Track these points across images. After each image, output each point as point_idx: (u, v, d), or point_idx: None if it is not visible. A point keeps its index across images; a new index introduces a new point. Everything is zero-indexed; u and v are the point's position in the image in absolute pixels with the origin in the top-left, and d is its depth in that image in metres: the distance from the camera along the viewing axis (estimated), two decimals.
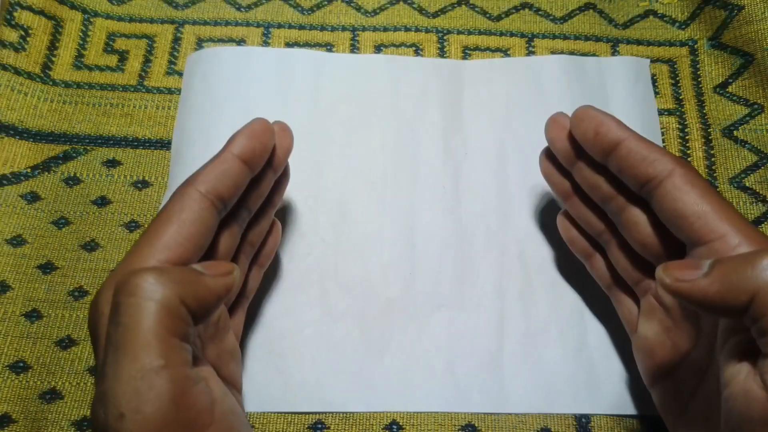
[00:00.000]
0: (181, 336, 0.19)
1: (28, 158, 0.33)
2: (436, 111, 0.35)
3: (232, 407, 0.21)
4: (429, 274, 0.31)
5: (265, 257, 0.29)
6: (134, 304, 0.19)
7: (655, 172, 0.24)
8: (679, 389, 0.25)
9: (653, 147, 0.24)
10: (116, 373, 0.18)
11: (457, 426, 0.29)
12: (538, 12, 0.39)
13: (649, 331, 0.26)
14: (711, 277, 0.19)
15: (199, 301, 0.20)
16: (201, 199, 0.23)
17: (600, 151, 0.25)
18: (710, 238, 0.22)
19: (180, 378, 0.19)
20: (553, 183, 0.29)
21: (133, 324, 0.18)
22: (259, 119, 0.25)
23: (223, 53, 0.36)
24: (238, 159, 0.24)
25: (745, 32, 0.35)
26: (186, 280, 0.20)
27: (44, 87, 0.35)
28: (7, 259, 0.31)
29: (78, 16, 0.37)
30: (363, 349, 0.30)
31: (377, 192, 0.33)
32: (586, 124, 0.25)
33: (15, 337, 0.30)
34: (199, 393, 0.19)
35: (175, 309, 0.19)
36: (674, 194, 0.23)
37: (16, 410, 0.28)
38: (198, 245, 0.22)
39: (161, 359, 0.18)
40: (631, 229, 0.26)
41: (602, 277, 0.29)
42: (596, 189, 0.27)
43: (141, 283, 0.19)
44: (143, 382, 0.18)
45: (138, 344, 0.18)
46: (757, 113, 0.35)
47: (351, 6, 0.38)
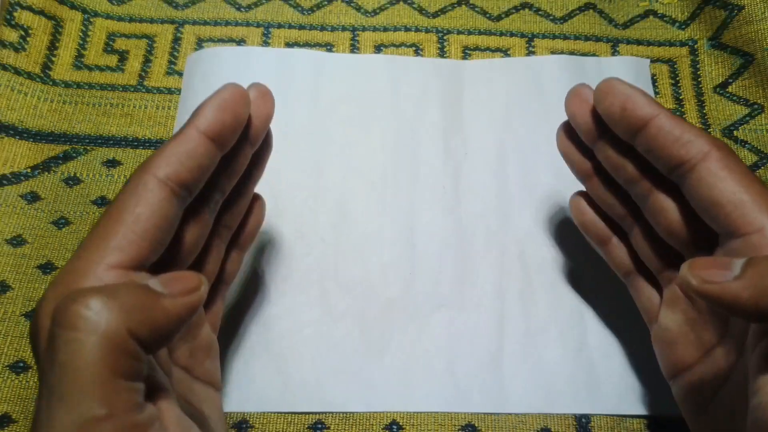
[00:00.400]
0: (128, 375, 0.16)
1: (28, 158, 0.33)
2: (436, 111, 0.35)
3: None
4: (429, 274, 0.31)
5: (246, 239, 0.26)
6: (73, 339, 0.15)
7: (688, 155, 0.21)
8: (700, 386, 0.23)
9: (687, 126, 0.22)
10: (50, 423, 0.15)
11: (457, 426, 0.29)
12: (538, 12, 0.39)
13: (672, 322, 0.24)
14: (744, 279, 0.17)
15: (153, 330, 0.17)
16: (159, 187, 0.19)
17: (627, 128, 0.23)
18: (747, 230, 0.20)
19: (126, 427, 0.16)
20: (571, 161, 0.27)
21: (71, 364, 0.15)
22: (230, 85, 0.21)
23: (223, 53, 0.36)
24: (204, 136, 0.20)
25: (745, 32, 0.35)
26: (138, 305, 0.17)
27: (44, 87, 0.35)
28: (7, 259, 0.31)
29: (78, 16, 0.37)
30: (363, 349, 0.30)
31: (377, 192, 0.33)
32: (611, 98, 0.23)
33: (15, 337, 0.30)
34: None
35: (122, 344, 0.16)
36: (709, 180, 0.21)
37: (16, 410, 0.28)
38: (156, 242, 0.19)
39: (104, 408, 0.15)
40: (658, 215, 0.23)
41: (620, 264, 0.27)
42: (621, 170, 0.24)
43: (82, 311, 0.16)
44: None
45: (76, 390, 0.15)
46: (757, 113, 0.35)
47: (351, 6, 0.38)
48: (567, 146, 0.27)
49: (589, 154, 0.26)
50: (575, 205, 0.28)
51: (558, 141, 0.27)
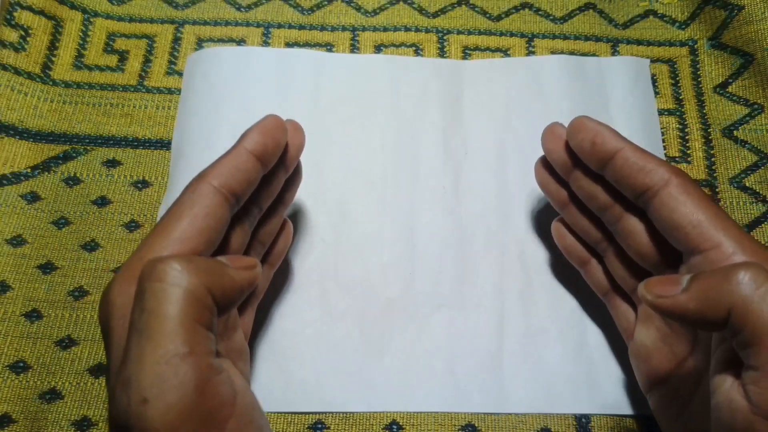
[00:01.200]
0: (206, 325, 0.19)
1: (28, 158, 0.33)
2: (436, 111, 0.35)
3: (252, 401, 0.21)
4: (429, 274, 0.31)
5: (275, 257, 0.29)
6: (161, 289, 0.18)
7: (651, 182, 0.24)
8: (675, 395, 0.25)
9: (649, 157, 0.24)
10: (140, 359, 0.18)
11: (457, 426, 0.29)
12: (538, 12, 0.39)
13: (646, 337, 0.26)
14: (690, 292, 0.20)
15: (223, 292, 0.20)
16: (214, 193, 0.22)
17: (597, 161, 0.25)
18: (706, 247, 0.22)
19: (204, 366, 0.18)
20: (549, 192, 0.29)
21: (159, 310, 0.18)
22: (272, 116, 0.25)
23: (223, 53, 0.36)
24: (251, 154, 0.24)
25: (745, 32, 0.35)
26: (212, 269, 0.20)
27: (44, 87, 0.35)
28: (7, 259, 0.31)
29: (78, 16, 0.37)
30: (363, 349, 0.30)
31: (377, 192, 0.33)
32: (582, 134, 0.25)
33: (15, 337, 0.30)
34: (222, 383, 0.19)
35: (202, 297, 0.19)
36: (670, 204, 0.23)
37: (16, 410, 0.28)
38: (210, 239, 0.22)
39: (186, 346, 0.18)
40: (627, 238, 0.26)
41: (598, 285, 0.29)
42: (593, 198, 0.27)
43: (168, 269, 0.19)
44: (168, 368, 0.18)
45: (163, 330, 0.18)
46: (757, 113, 0.35)
47: (351, 6, 0.38)
48: (544, 179, 0.29)
49: (564, 185, 0.28)
50: (556, 230, 0.30)
51: (536, 174, 0.29)
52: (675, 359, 0.25)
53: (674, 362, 0.25)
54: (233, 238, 0.25)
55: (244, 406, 0.20)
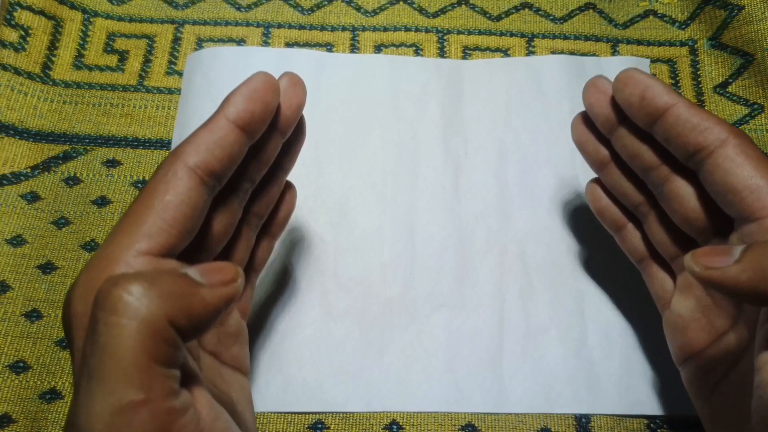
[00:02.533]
0: (166, 362, 0.16)
1: (28, 158, 0.33)
2: (437, 111, 0.35)
3: (224, 428, 0.19)
4: (429, 274, 0.31)
5: (277, 227, 0.26)
6: (114, 323, 0.16)
7: (706, 142, 0.22)
8: (710, 370, 0.24)
9: (705, 114, 0.22)
10: (89, 406, 0.16)
11: (457, 426, 0.29)
12: (538, 12, 0.39)
13: (684, 308, 0.25)
14: (742, 263, 0.18)
15: (191, 319, 0.17)
16: (189, 175, 0.20)
17: (646, 117, 0.23)
18: (762, 214, 0.21)
19: (162, 412, 0.16)
20: (587, 151, 0.27)
21: (112, 348, 0.16)
22: (260, 73, 0.22)
23: (223, 53, 0.36)
24: (234, 125, 0.21)
25: (745, 32, 0.35)
26: (177, 293, 0.17)
27: (44, 87, 0.35)
28: (7, 259, 0.31)
29: (78, 16, 0.37)
30: (363, 349, 0.30)
31: (377, 192, 0.33)
32: (630, 88, 0.24)
33: (15, 337, 0.30)
34: (186, 426, 0.17)
35: (161, 331, 0.16)
36: (726, 166, 0.22)
37: (16, 410, 0.28)
38: (186, 230, 0.20)
39: (141, 392, 0.16)
40: (673, 202, 0.24)
41: (634, 250, 0.27)
42: (638, 158, 0.25)
43: (123, 296, 0.16)
44: (120, 419, 0.15)
45: (115, 374, 0.15)
46: (757, 113, 0.34)
47: (351, 6, 0.38)
48: (584, 136, 0.27)
49: (605, 143, 0.26)
50: (592, 191, 0.28)
51: (573, 132, 0.27)
52: (714, 333, 0.24)
53: (713, 336, 0.24)
54: (216, 222, 0.22)
55: None
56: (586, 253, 0.32)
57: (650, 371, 0.29)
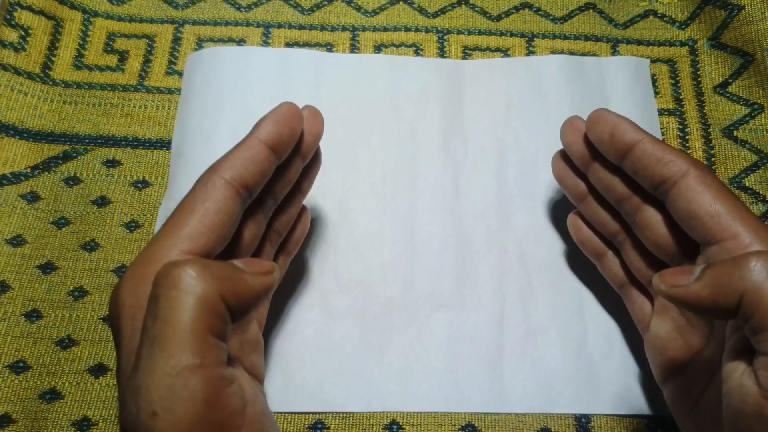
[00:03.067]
0: (218, 334, 0.19)
1: (28, 158, 0.33)
2: (436, 111, 0.35)
3: (262, 408, 0.21)
4: (429, 274, 0.31)
5: (292, 245, 0.28)
6: (174, 297, 0.18)
7: (669, 173, 0.24)
8: (690, 386, 0.25)
9: (668, 148, 0.24)
10: (151, 369, 0.18)
11: (457, 426, 0.29)
12: (538, 12, 0.39)
13: (662, 329, 0.26)
14: (702, 281, 0.20)
15: (238, 300, 0.19)
16: (225, 187, 0.22)
17: (615, 152, 0.26)
18: (723, 237, 0.23)
19: (214, 378, 0.18)
20: (566, 185, 0.29)
21: (172, 318, 0.18)
22: (287, 103, 0.24)
23: (223, 53, 0.36)
24: (264, 145, 0.23)
25: (745, 32, 0.35)
26: (227, 276, 0.19)
27: (44, 87, 0.35)
28: (7, 259, 0.31)
29: (78, 16, 0.37)
30: (363, 349, 0.30)
31: (377, 192, 0.33)
32: (601, 126, 0.26)
33: (15, 337, 0.30)
34: (232, 395, 0.19)
35: (215, 306, 0.18)
36: (688, 195, 0.23)
37: (16, 410, 0.28)
38: (222, 235, 0.22)
39: (197, 358, 0.18)
40: (645, 229, 0.26)
41: (614, 277, 0.29)
42: (611, 190, 0.27)
43: (182, 275, 0.18)
44: (178, 381, 0.17)
45: (175, 340, 0.18)
46: (757, 113, 0.35)
47: (351, 6, 0.38)
48: (562, 171, 0.29)
49: (582, 178, 0.29)
50: (572, 222, 0.30)
51: (554, 168, 0.30)
52: (690, 351, 0.25)
53: (689, 354, 0.25)
54: (246, 232, 0.24)
55: (254, 414, 0.20)
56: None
57: (650, 371, 0.29)
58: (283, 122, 0.24)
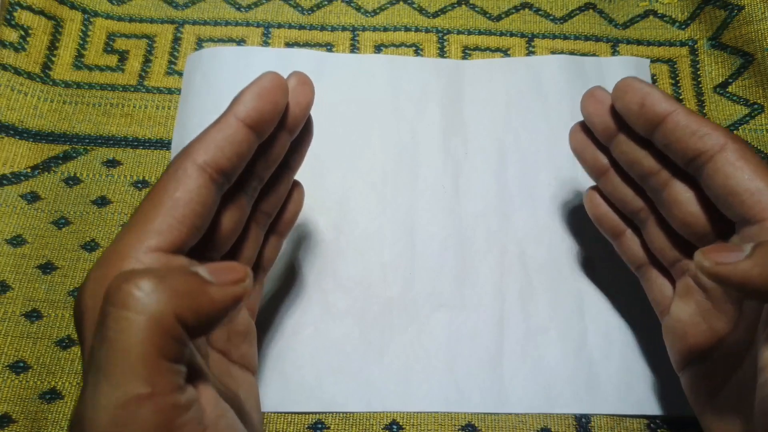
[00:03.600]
0: (172, 357, 0.17)
1: (28, 158, 0.33)
2: (436, 111, 0.35)
3: (227, 428, 0.19)
4: (429, 274, 0.31)
5: (284, 225, 0.27)
6: (122, 317, 0.16)
7: (705, 147, 0.22)
8: (711, 374, 0.24)
9: (703, 120, 0.23)
10: (95, 399, 0.16)
11: (457, 426, 0.29)
12: (538, 12, 0.39)
13: (684, 313, 0.25)
14: (753, 259, 0.18)
15: (198, 316, 0.17)
16: (198, 173, 0.20)
17: (645, 124, 0.24)
18: (764, 216, 0.21)
19: (167, 408, 0.16)
20: (585, 158, 0.27)
21: (119, 342, 0.16)
22: (269, 73, 0.22)
23: (223, 53, 0.36)
24: (242, 124, 0.21)
25: (745, 32, 0.35)
26: (186, 290, 0.17)
27: (44, 87, 0.35)
28: (7, 259, 0.31)
29: (78, 16, 0.37)
30: (363, 348, 0.30)
31: (377, 192, 0.33)
32: (630, 96, 0.24)
33: (15, 337, 0.30)
34: (188, 422, 0.17)
35: (169, 327, 0.16)
36: (726, 170, 0.22)
37: (16, 410, 0.28)
38: (195, 227, 0.20)
39: (147, 386, 0.16)
40: (673, 207, 0.24)
41: (633, 257, 0.28)
42: (637, 164, 0.25)
43: (133, 292, 0.16)
44: (125, 413, 0.16)
45: (122, 368, 0.16)
46: (757, 113, 0.35)
47: (351, 6, 0.38)
48: (582, 144, 0.27)
49: (603, 151, 0.27)
50: (590, 198, 0.28)
51: (571, 140, 0.28)
52: (714, 336, 0.24)
53: (713, 340, 0.24)
54: (226, 219, 0.22)
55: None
56: (586, 253, 0.32)
57: (650, 371, 0.29)
58: (264, 96, 0.21)
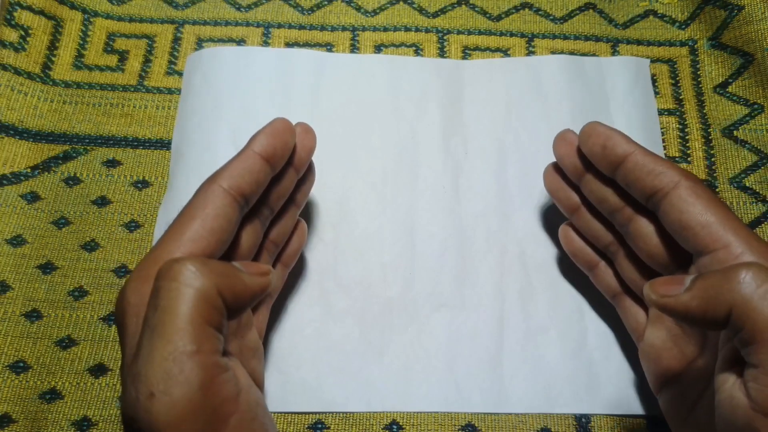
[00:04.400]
0: (214, 325, 0.20)
1: (28, 158, 0.33)
2: (436, 111, 0.35)
3: (257, 398, 0.22)
4: (429, 274, 0.31)
5: (289, 257, 0.29)
6: (174, 288, 0.19)
7: (661, 184, 0.24)
8: (685, 395, 0.25)
9: (659, 160, 0.25)
10: (150, 355, 0.19)
11: (457, 426, 0.29)
12: (538, 12, 0.39)
13: (657, 338, 0.26)
14: (692, 291, 0.20)
15: (235, 296, 0.21)
16: (224, 194, 0.23)
17: (608, 164, 0.26)
18: (714, 247, 0.23)
19: (210, 365, 0.19)
20: (559, 197, 0.30)
21: (171, 308, 0.19)
22: (280, 119, 0.26)
23: (223, 53, 0.36)
24: (259, 156, 0.24)
25: (745, 32, 0.35)
26: (225, 273, 0.21)
27: (44, 87, 0.35)
28: (7, 259, 0.31)
29: (78, 16, 0.37)
30: (363, 348, 0.30)
31: (377, 192, 0.33)
32: (593, 139, 0.26)
33: (15, 337, 0.30)
34: (226, 381, 0.20)
35: (212, 298, 0.20)
36: (680, 205, 0.24)
37: (16, 410, 0.28)
38: (221, 239, 0.23)
39: (194, 344, 0.19)
40: (638, 240, 0.26)
41: (607, 287, 0.29)
42: (604, 201, 0.27)
43: (183, 269, 0.19)
44: (175, 365, 0.18)
45: (173, 328, 0.19)
46: (757, 113, 0.35)
47: (351, 6, 0.38)
48: (555, 184, 0.30)
49: (575, 190, 0.29)
50: (564, 234, 0.30)
51: (546, 180, 0.30)
52: (684, 360, 0.25)
53: (684, 363, 0.25)
54: (244, 238, 0.25)
55: (248, 403, 0.21)
56: None
57: None
58: (276, 136, 0.25)
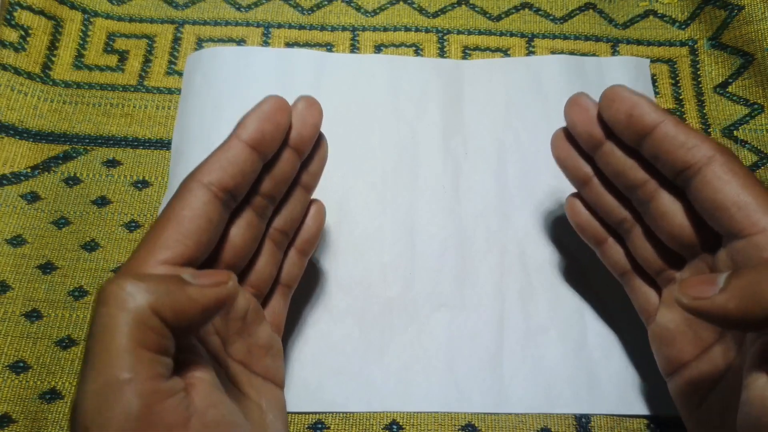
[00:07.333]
0: (153, 348, 0.18)
1: (28, 158, 0.33)
2: (436, 111, 0.35)
3: (218, 418, 0.20)
4: (429, 274, 0.31)
5: (305, 242, 0.27)
6: (105, 314, 0.18)
7: (693, 159, 0.22)
8: (697, 382, 0.24)
9: (692, 132, 0.23)
10: (83, 386, 0.17)
11: (457, 426, 0.29)
12: (538, 12, 0.39)
13: (671, 321, 0.25)
14: (728, 291, 0.18)
15: (177, 313, 0.19)
16: (203, 192, 0.21)
17: (633, 135, 0.23)
18: (751, 231, 0.21)
19: (148, 392, 0.18)
20: (568, 167, 0.27)
21: (103, 335, 0.18)
22: (272, 97, 0.23)
23: (223, 53, 0.36)
24: (246, 145, 0.22)
25: (745, 32, 0.35)
26: (165, 290, 0.19)
27: (44, 87, 0.35)
28: (7, 259, 0.31)
29: (78, 16, 0.37)
30: (363, 349, 0.30)
31: (377, 192, 0.33)
32: (617, 105, 0.23)
33: (15, 337, 0.30)
34: (171, 407, 0.18)
35: (147, 320, 0.18)
36: (714, 183, 0.22)
37: (16, 410, 0.28)
38: (201, 241, 0.21)
39: (128, 372, 0.17)
40: (660, 218, 0.24)
41: (616, 264, 0.27)
42: (623, 175, 0.25)
43: (115, 291, 0.18)
44: (108, 396, 0.17)
45: (105, 356, 0.17)
46: (757, 113, 0.35)
47: (351, 6, 0.38)
48: (565, 152, 0.27)
49: (586, 160, 0.26)
50: (571, 205, 0.28)
51: (554, 148, 0.27)
52: (701, 345, 0.24)
53: (699, 348, 0.24)
54: (234, 235, 0.23)
55: (204, 426, 0.19)
56: (586, 253, 0.32)
57: (650, 371, 0.29)
58: (266, 118, 0.23)
